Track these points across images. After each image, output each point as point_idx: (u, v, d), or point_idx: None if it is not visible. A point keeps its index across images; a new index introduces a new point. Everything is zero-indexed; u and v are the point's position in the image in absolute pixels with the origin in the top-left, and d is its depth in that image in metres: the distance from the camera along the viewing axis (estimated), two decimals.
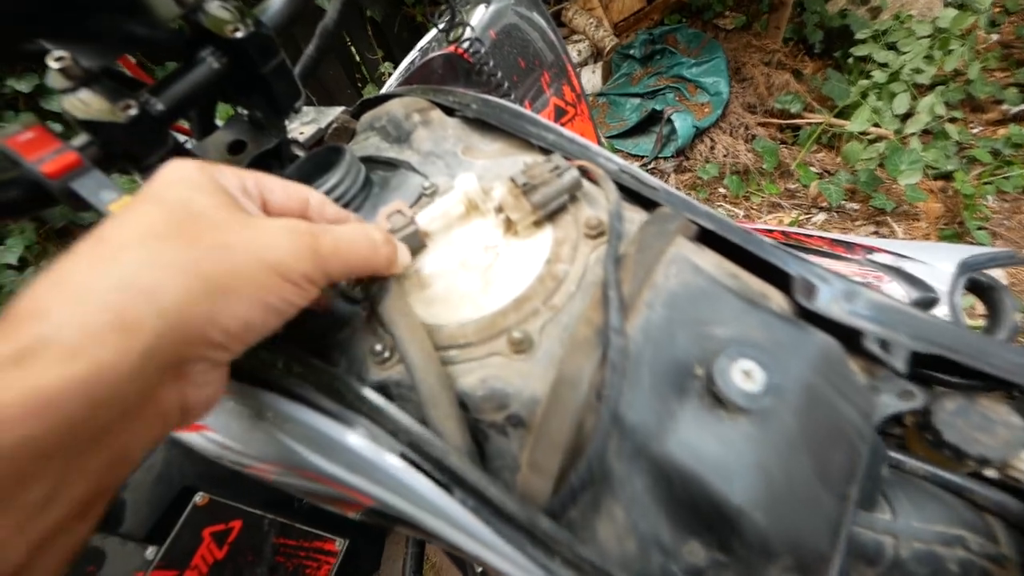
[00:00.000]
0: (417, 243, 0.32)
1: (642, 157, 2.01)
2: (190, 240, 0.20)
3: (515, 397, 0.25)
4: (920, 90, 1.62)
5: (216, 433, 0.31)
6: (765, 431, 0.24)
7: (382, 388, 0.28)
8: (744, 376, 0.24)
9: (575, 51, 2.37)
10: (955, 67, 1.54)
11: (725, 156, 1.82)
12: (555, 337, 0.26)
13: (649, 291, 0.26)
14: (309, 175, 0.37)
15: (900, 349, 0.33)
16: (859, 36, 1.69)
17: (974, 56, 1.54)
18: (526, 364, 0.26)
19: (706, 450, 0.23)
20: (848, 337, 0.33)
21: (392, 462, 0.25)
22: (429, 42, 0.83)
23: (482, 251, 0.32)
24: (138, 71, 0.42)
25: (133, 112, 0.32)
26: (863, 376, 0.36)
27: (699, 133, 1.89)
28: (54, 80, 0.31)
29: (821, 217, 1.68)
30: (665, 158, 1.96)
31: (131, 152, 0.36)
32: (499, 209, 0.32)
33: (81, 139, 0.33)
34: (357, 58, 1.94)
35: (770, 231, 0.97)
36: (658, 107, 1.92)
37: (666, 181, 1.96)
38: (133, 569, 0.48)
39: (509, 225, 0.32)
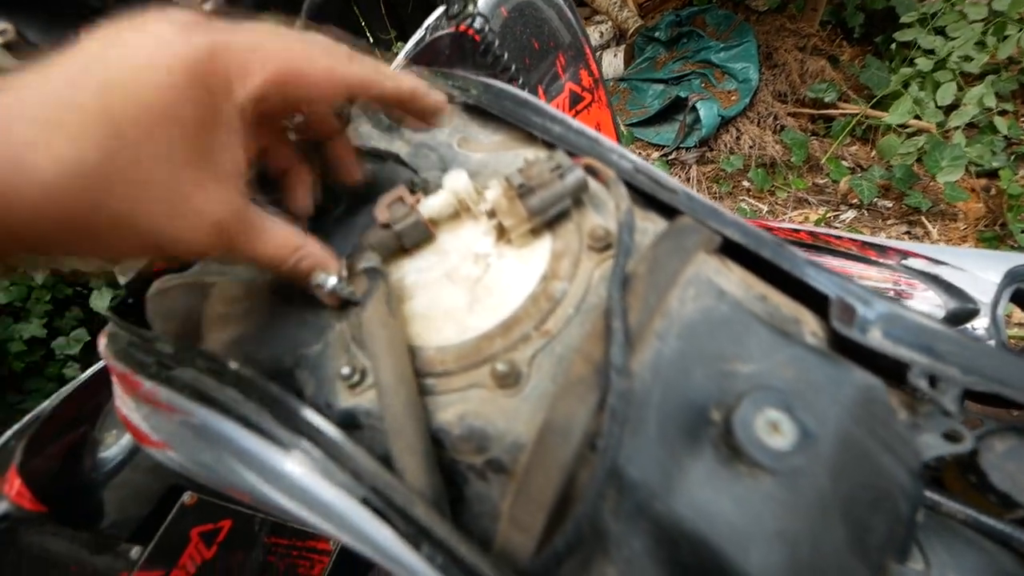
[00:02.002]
0: (422, 234, 0.29)
1: (663, 147, 1.92)
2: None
3: (497, 440, 0.21)
4: (968, 80, 1.50)
5: (176, 454, 0.28)
6: (792, 492, 0.20)
7: (350, 417, 0.25)
8: (771, 429, 0.20)
9: (596, 33, 2.28)
10: (1009, 54, 1.41)
11: (751, 148, 1.72)
12: (547, 370, 0.22)
13: (661, 320, 0.22)
14: None
15: (951, 385, 0.28)
16: (904, 19, 1.56)
17: None
18: (511, 401, 0.22)
19: (719, 512, 0.20)
20: (889, 368, 0.29)
21: (352, 508, 0.21)
22: (437, 19, 0.78)
23: (471, 261, 0.28)
24: None
25: None
26: (904, 412, 0.31)
27: (724, 122, 1.79)
28: None
29: (850, 215, 1.59)
30: (687, 148, 1.87)
31: None
32: (491, 213, 0.28)
33: None
34: (370, 38, 1.89)
35: (796, 231, 0.90)
36: (682, 94, 1.83)
37: (687, 173, 1.88)
38: (118, 569, 0.47)
39: (502, 232, 0.28)
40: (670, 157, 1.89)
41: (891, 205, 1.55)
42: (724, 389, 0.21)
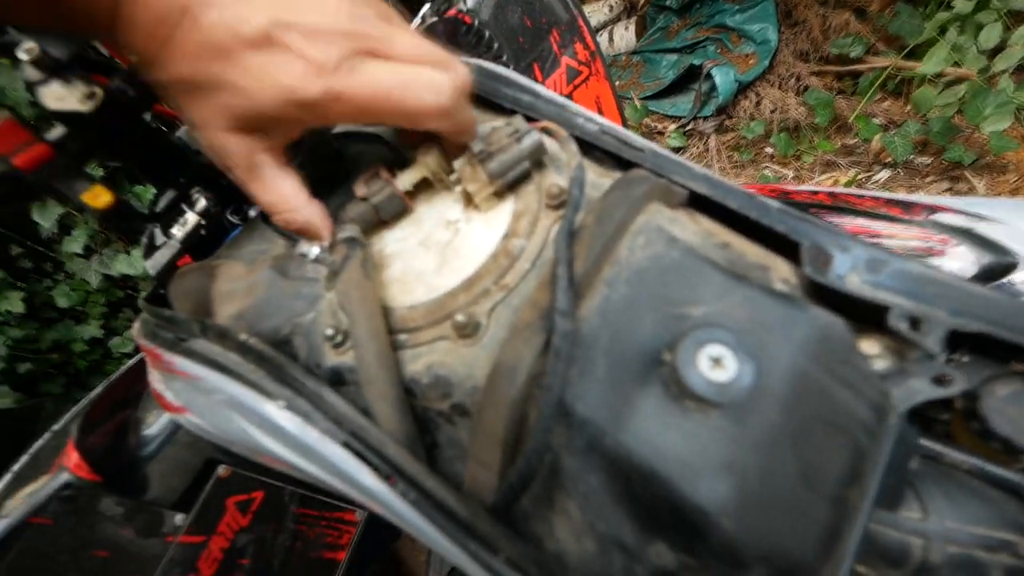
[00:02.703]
0: (399, 207, 0.30)
1: (680, 118, 1.86)
2: None
3: (458, 385, 0.23)
4: (1015, 19, 1.38)
5: (192, 415, 0.32)
6: (740, 426, 0.21)
7: (336, 374, 0.27)
8: (712, 363, 0.20)
9: (606, 7, 2.21)
10: None
11: (772, 112, 1.65)
12: (504, 321, 0.24)
13: (610, 267, 0.23)
14: None
15: (935, 326, 0.28)
16: None
17: None
18: (472, 350, 0.24)
19: (668, 446, 0.21)
20: (873, 314, 0.28)
21: (334, 450, 0.24)
22: (431, 5, 0.79)
23: (443, 228, 0.30)
24: (119, 54, 0.42)
25: (95, 101, 0.32)
26: (892, 358, 0.31)
27: (743, 88, 1.72)
28: (27, 72, 0.31)
29: (884, 175, 1.49)
30: (704, 118, 1.81)
31: (108, 139, 0.36)
32: (458, 180, 0.29)
33: (57, 131, 0.33)
34: None
35: (815, 193, 0.87)
36: (696, 62, 1.76)
37: (706, 143, 1.82)
38: (165, 533, 0.53)
39: (469, 199, 0.29)
40: (687, 128, 1.83)
41: (929, 161, 1.45)
42: (675, 332, 0.22)
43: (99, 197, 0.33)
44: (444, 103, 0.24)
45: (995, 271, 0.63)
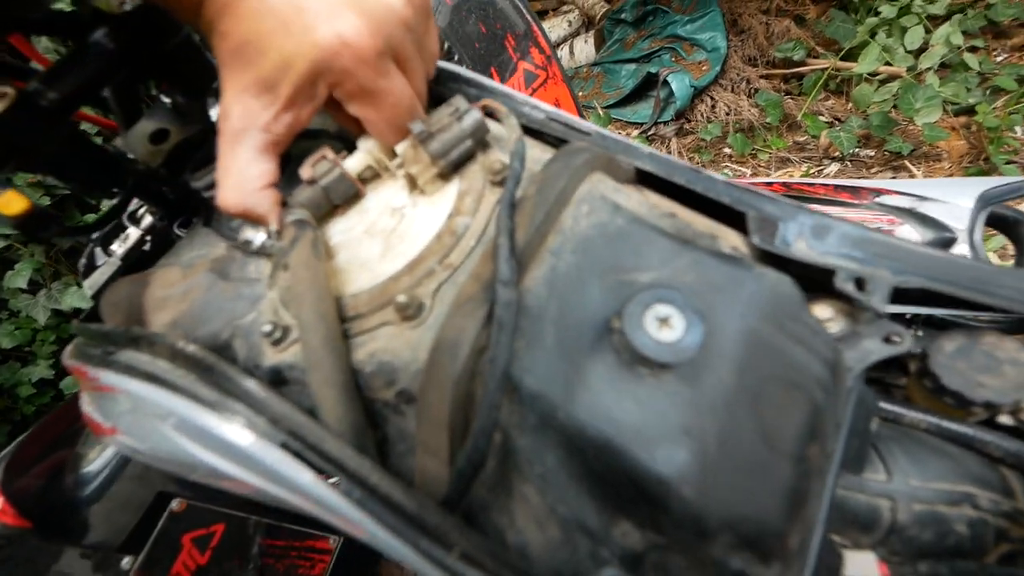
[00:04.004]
0: (350, 189, 0.29)
1: (642, 124, 1.92)
2: None
3: (403, 370, 0.22)
4: (934, 22, 1.49)
5: (122, 435, 0.29)
6: (694, 388, 0.20)
7: (276, 373, 0.25)
8: (659, 324, 0.20)
9: (565, 22, 2.28)
10: None
11: (727, 114, 1.72)
12: (450, 300, 0.23)
13: (555, 237, 0.22)
14: None
15: (880, 285, 0.28)
16: None
17: None
18: (416, 332, 0.22)
19: (622, 414, 0.20)
20: (822, 279, 0.28)
21: (271, 453, 0.22)
22: None
23: (388, 214, 0.29)
24: (39, 56, 0.39)
25: (5, 101, 0.30)
26: (845, 320, 0.31)
27: (698, 93, 1.79)
28: None
29: (834, 168, 1.57)
30: (665, 123, 1.87)
31: (23, 145, 0.33)
32: (402, 165, 0.28)
33: None
34: None
35: (769, 184, 0.90)
36: (653, 70, 1.83)
37: (667, 146, 1.87)
38: None
39: (414, 183, 0.28)
40: (649, 134, 1.89)
41: (873, 153, 1.53)
42: (623, 298, 0.22)
43: (11, 204, 0.31)
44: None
45: (938, 246, 0.66)
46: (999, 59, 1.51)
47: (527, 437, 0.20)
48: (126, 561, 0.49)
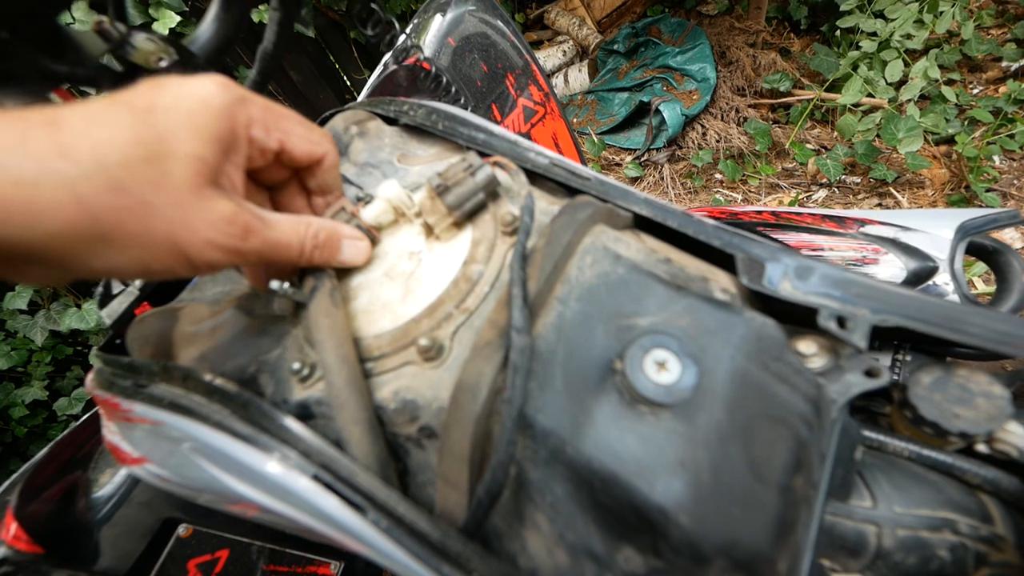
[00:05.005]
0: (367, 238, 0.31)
1: (635, 150, 1.98)
2: (125, 176, 0.20)
3: (425, 408, 0.24)
4: (913, 56, 1.57)
5: (153, 465, 0.31)
6: (689, 425, 0.22)
7: (303, 408, 0.27)
8: (657, 367, 0.22)
9: (559, 52, 2.37)
10: (948, 28, 1.48)
11: (718, 141, 1.78)
12: (467, 342, 0.25)
13: (562, 286, 0.25)
14: None
15: (860, 323, 0.31)
16: (844, 7, 1.64)
17: (967, 15, 1.48)
18: (436, 372, 0.25)
19: (624, 449, 0.22)
20: (807, 316, 0.31)
21: (303, 484, 0.24)
22: (392, 54, 0.83)
23: (406, 259, 0.31)
24: (70, 98, 0.42)
25: None
26: (827, 356, 0.34)
27: (689, 121, 1.86)
28: None
29: (822, 194, 1.63)
30: (657, 149, 1.93)
31: None
32: (419, 213, 0.31)
33: None
34: (347, 81, 1.97)
35: (760, 212, 0.94)
36: (645, 99, 1.90)
37: (660, 172, 1.93)
38: None
39: (430, 230, 0.31)
40: (642, 159, 1.95)
41: (859, 180, 1.59)
42: (624, 341, 0.24)
43: None
44: None
45: (920, 275, 0.69)
46: (975, 91, 1.59)
47: (539, 470, 0.23)
48: None
